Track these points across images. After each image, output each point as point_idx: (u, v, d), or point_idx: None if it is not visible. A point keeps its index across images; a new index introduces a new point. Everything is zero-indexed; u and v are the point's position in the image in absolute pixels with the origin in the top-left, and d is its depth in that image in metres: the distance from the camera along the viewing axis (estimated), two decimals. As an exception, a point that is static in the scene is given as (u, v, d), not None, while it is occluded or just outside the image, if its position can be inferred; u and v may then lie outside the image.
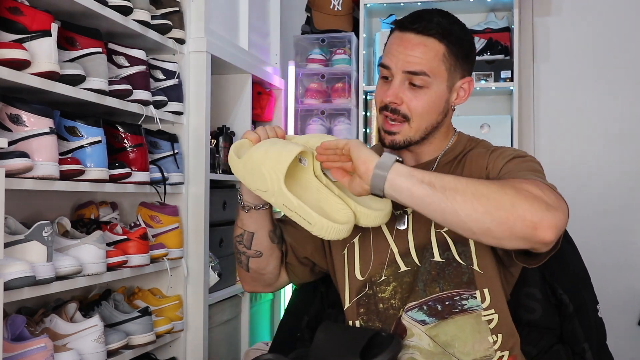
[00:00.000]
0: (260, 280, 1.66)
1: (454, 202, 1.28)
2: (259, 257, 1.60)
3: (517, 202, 1.27)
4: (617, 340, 2.00)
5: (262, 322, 3.26)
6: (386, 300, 1.51)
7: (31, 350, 1.63)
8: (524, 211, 1.26)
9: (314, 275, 1.71)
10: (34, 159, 1.67)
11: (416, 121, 1.50)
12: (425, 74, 1.46)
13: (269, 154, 1.40)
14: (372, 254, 1.53)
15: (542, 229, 1.27)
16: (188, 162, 2.42)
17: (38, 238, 1.66)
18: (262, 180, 1.40)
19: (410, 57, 1.46)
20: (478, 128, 3.30)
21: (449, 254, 1.48)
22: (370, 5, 3.41)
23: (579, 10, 3.47)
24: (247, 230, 1.58)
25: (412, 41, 1.47)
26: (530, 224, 1.26)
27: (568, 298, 1.65)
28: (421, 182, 1.29)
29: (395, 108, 1.49)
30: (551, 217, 1.27)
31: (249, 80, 2.91)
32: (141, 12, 2.14)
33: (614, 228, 3.37)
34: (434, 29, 1.47)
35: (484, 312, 1.47)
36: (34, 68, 1.68)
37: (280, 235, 1.62)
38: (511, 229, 1.27)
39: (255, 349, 2.81)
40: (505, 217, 1.27)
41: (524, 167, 1.43)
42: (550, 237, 1.28)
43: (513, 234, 1.28)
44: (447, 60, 1.48)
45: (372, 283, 1.53)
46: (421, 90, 1.48)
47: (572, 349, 1.64)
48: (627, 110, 3.40)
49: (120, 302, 2.13)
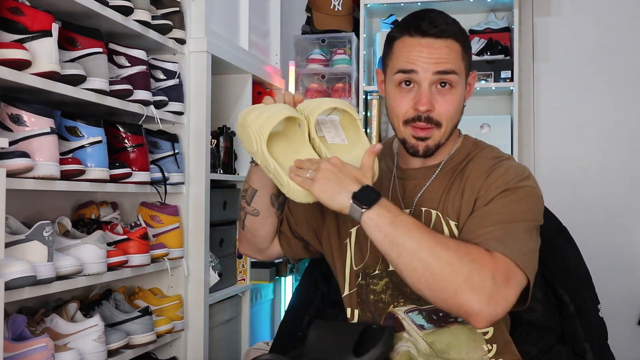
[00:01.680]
0: (253, 243, 1.69)
1: (405, 271, 1.33)
2: (255, 216, 1.64)
3: (461, 290, 1.30)
4: (617, 340, 2.00)
5: (262, 322, 3.26)
6: (377, 294, 1.52)
7: (32, 350, 1.63)
8: (465, 301, 1.31)
9: (309, 254, 1.72)
10: (34, 159, 1.67)
11: (445, 124, 1.48)
12: (455, 72, 1.46)
13: (259, 117, 1.43)
14: (369, 247, 1.54)
15: (475, 320, 1.33)
16: (188, 162, 2.42)
17: (39, 238, 1.66)
18: (250, 142, 1.44)
19: (438, 58, 1.45)
20: (478, 128, 3.30)
21: None
22: (370, 5, 3.41)
23: (579, 10, 3.47)
24: (252, 187, 1.62)
25: (434, 45, 1.46)
26: (465, 313, 1.33)
27: (569, 298, 1.65)
28: (382, 240, 1.34)
29: (429, 116, 1.47)
30: (488, 312, 1.31)
31: (249, 80, 2.91)
32: (142, 12, 2.14)
33: (614, 228, 3.37)
34: (450, 29, 1.47)
35: None
36: (35, 68, 1.68)
37: (281, 203, 1.65)
38: (446, 306, 1.34)
39: (255, 348, 2.81)
40: (444, 298, 1.32)
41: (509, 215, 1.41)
42: (481, 326, 1.34)
43: (446, 309, 1.36)
44: (464, 59, 1.50)
45: (366, 274, 1.54)
46: (449, 91, 1.47)
47: (572, 349, 1.64)
48: (627, 110, 3.40)
49: (121, 302, 2.13)
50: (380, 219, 1.34)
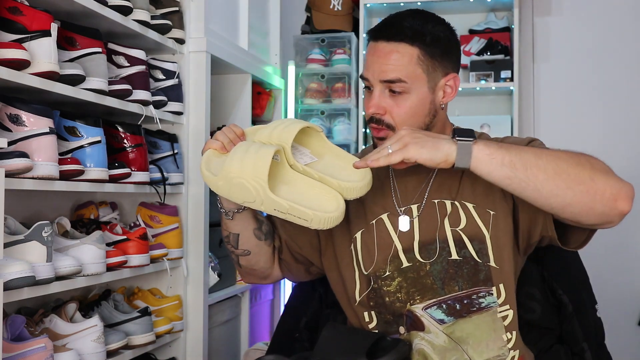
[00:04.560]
0: (253, 275, 1.69)
1: (536, 180, 1.31)
2: (247, 256, 1.62)
3: (595, 175, 1.32)
4: (617, 340, 2.00)
5: (262, 322, 3.26)
6: (392, 294, 1.51)
7: (31, 351, 1.62)
8: (604, 184, 1.32)
9: (310, 275, 1.71)
10: (33, 159, 1.67)
11: (400, 128, 1.47)
12: (401, 81, 1.46)
13: (245, 164, 1.39)
14: (376, 249, 1.53)
15: (621, 200, 1.32)
16: (188, 162, 2.42)
17: (38, 238, 1.66)
18: (247, 192, 1.40)
19: (384, 65, 1.47)
20: (478, 128, 3.28)
21: (466, 252, 1.48)
22: (370, 5, 3.41)
23: (579, 10, 3.47)
24: (232, 232, 1.60)
25: (384, 50, 1.47)
26: (611, 196, 1.32)
27: (567, 298, 1.65)
28: (502, 165, 1.32)
29: (379, 118, 1.50)
30: (627, 188, 1.33)
31: (248, 80, 2.91)
32: (141, 12, 2.13)
33: (614, 228, 3.36)
34: (403, 33, 1.47)
35: (499, 308, 1.48)
36: (34, 68, 1.68)
37: (268, 231, 1.63)
38: (592, 202, 1.32)
39: (255, 349, 2.81)
40: (586, 190, 1.31)
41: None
42: (627, 208, 1.34)
43: (592, 209, 1.33)
44: (423, 63, 1.47)
45: (377, 277, 1.53)
46: (401, 96, 1.48)
47: (571, 349, 1.65)
48: (627, 110, 3.40)
49: (120, 302, 2.13)
50: (490, 147, 1.32)
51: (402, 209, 1.54)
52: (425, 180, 1.55)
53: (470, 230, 1.48)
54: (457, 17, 3.45)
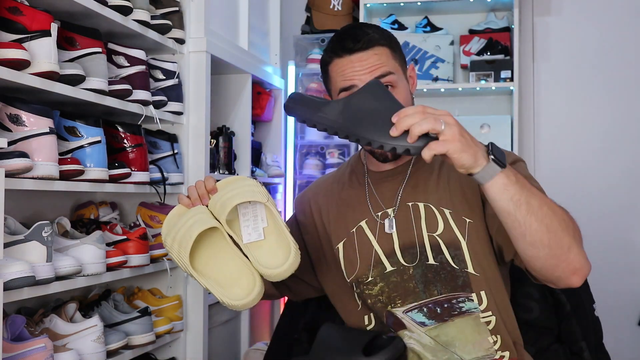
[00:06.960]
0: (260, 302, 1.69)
1: (529, 227, 1.29)
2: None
3: (573, 245, 1.32)
4: (617, 340, 2.01)
5: (262, 323, 3.26)
6: (373, 297, 1.54)
7: (31, 351, 1.62)
8: (575, 257, 1.33)
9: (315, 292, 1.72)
10: (33, 159, 1.67)
11: None
12: (391, 73, 1.50)
13: (176, 239, 1.41)
14: (358, 257, 1.55)
15: (577, 276, 1.35)
16: (188, 162, 2.42)
17: (38, 238, 1.66)
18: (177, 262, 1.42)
19: (370, 67, 1.49)
20: (478, 128, 3.29)
21: (442, 258, 1.49)
22: (370, 5, 3.40)
23: (579, 10, 3.47)
24: None
25: (362, 58, 1.50)
26: (573, 269, 1.34)
27: (565, 297, 1.65)
28: (510, 200, 1.28)
29: None
30: (587, 268, 1.35)
31: (248, 80, 2.91)
32: (141, 12, 2.13)
33: (614, 228, 3.37)
34: (372, 39, 1.51)
35: (481, 314, 1.48)
36: (34, 68, 1.68)
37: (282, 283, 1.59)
38: (556, 266, 1.33)
39: (255, 349, 2.81)
40: (559, 255, 1.32)
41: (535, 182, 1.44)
42: (578, 284, 1.36)
43: (552, 271, 1.34)
44: (395, 58, 1.54)
45: (359, 283, 1.55)
46: (393, 90, 1.49)
47: (570, 348, 1.65)
48: (627, 110, 3.40)
49: (120, 302, 2.13)
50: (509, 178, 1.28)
51: (379, 214, 1.55)
52: (400, 183, 1.56)
53: (446, 237, 1.49)
54: (457, 17, 3.45)
